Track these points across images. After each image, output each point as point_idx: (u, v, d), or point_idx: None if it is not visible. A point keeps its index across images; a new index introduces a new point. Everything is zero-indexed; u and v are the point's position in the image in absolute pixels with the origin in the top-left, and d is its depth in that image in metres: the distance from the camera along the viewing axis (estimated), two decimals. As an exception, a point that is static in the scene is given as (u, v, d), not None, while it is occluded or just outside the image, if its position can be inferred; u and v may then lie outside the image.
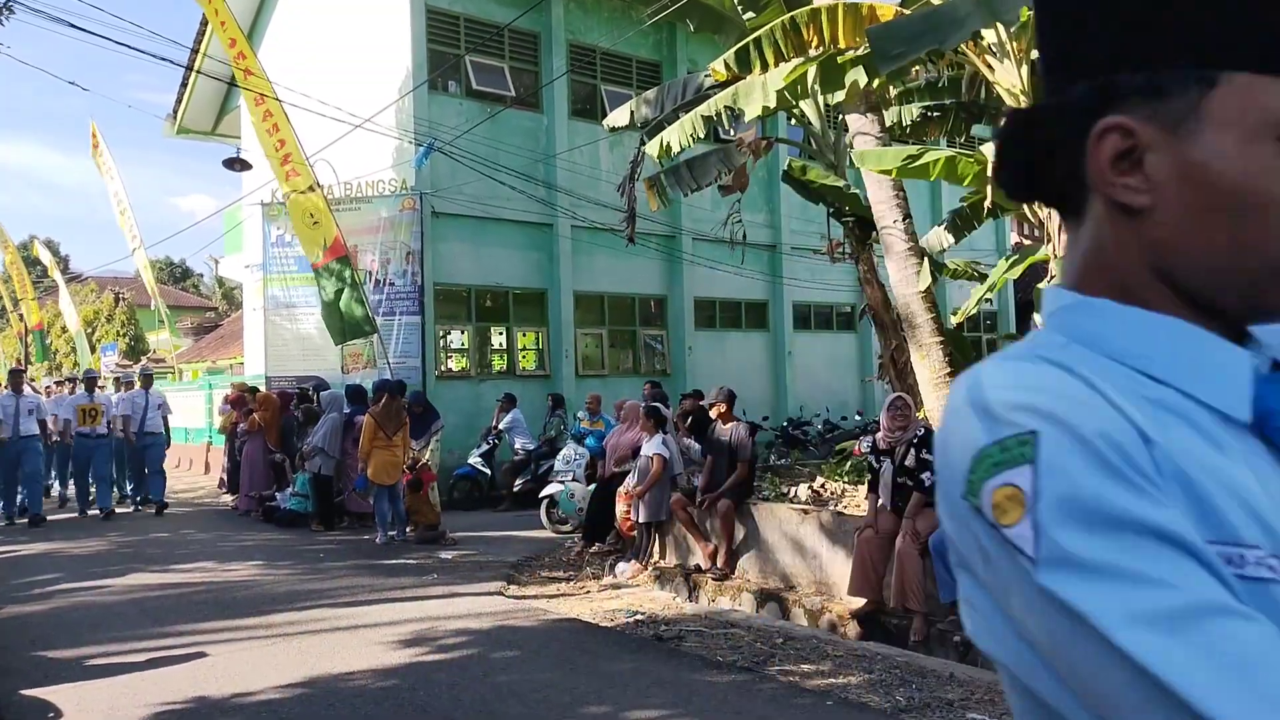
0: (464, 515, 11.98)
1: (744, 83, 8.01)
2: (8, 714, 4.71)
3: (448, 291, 14.54)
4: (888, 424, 6.65)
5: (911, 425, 6.67)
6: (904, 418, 6.65)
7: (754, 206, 17.51)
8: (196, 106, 19.78)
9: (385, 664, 5.46)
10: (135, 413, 13.09)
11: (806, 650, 5.80)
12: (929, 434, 6.66)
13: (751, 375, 17.78)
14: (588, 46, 16.05)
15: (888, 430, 6.66)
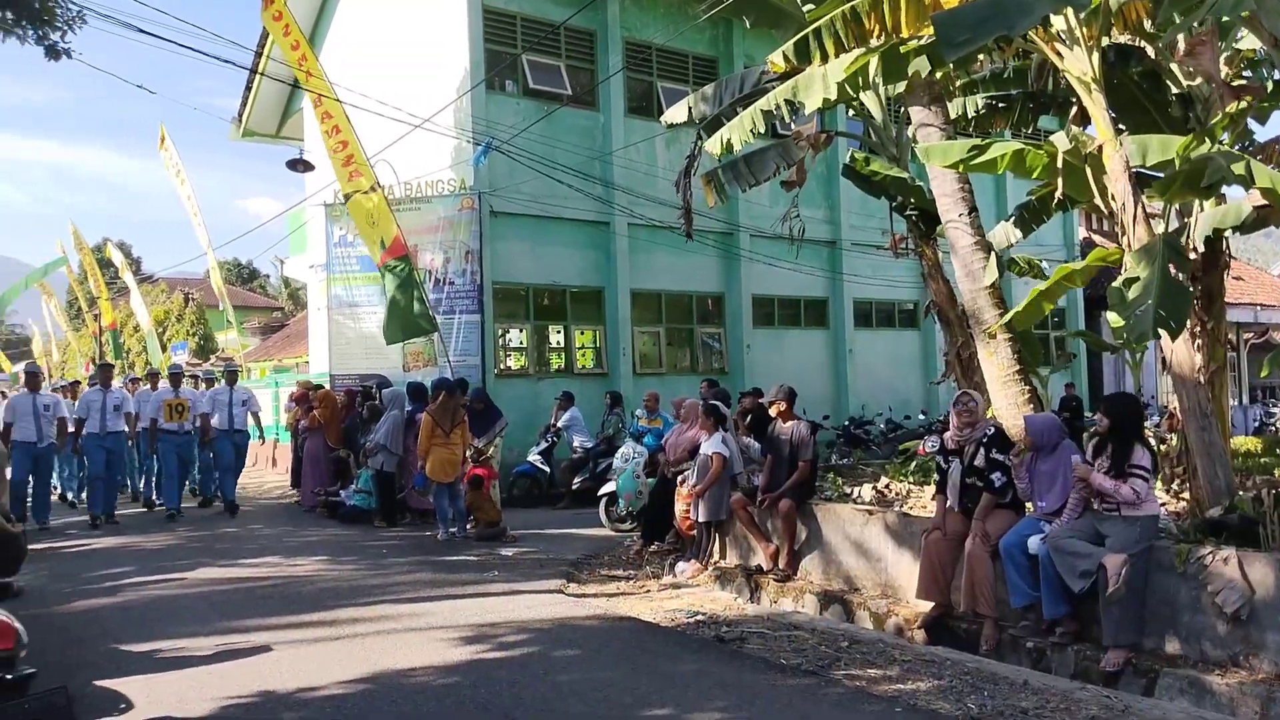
0: (523, 513, 12.03)
1: (803, 75, 7.88)
2: (82, 704, 4.80)
3: (506, 290, 14.61)
4: (955, 421, 6.48)
5: (980, 424, 6.49)
6: (970, 413, 6.48)
7: (813, 202, 17.32)
8: (261, 109, 20.15)
9: (447, 661, 5.47)
10: (220, 409, 12.82)
11: (873, 654, 5.67)
12: (1000, 433, 6.48)
13: (811, 374, 17.58)
14: (643, 43, 16.01)
15: (956, 429, 6.49)
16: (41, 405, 11.33)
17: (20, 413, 11.19)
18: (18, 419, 11.16)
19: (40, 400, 11.41)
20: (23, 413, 11.21)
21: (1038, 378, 8.75)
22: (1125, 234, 6.36)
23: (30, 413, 11.21)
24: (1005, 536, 5.90)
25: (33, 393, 11.49)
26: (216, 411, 12.76)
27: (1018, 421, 7.59)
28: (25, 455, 11.09)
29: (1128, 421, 5.61)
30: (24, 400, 11.39)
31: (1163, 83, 7.54)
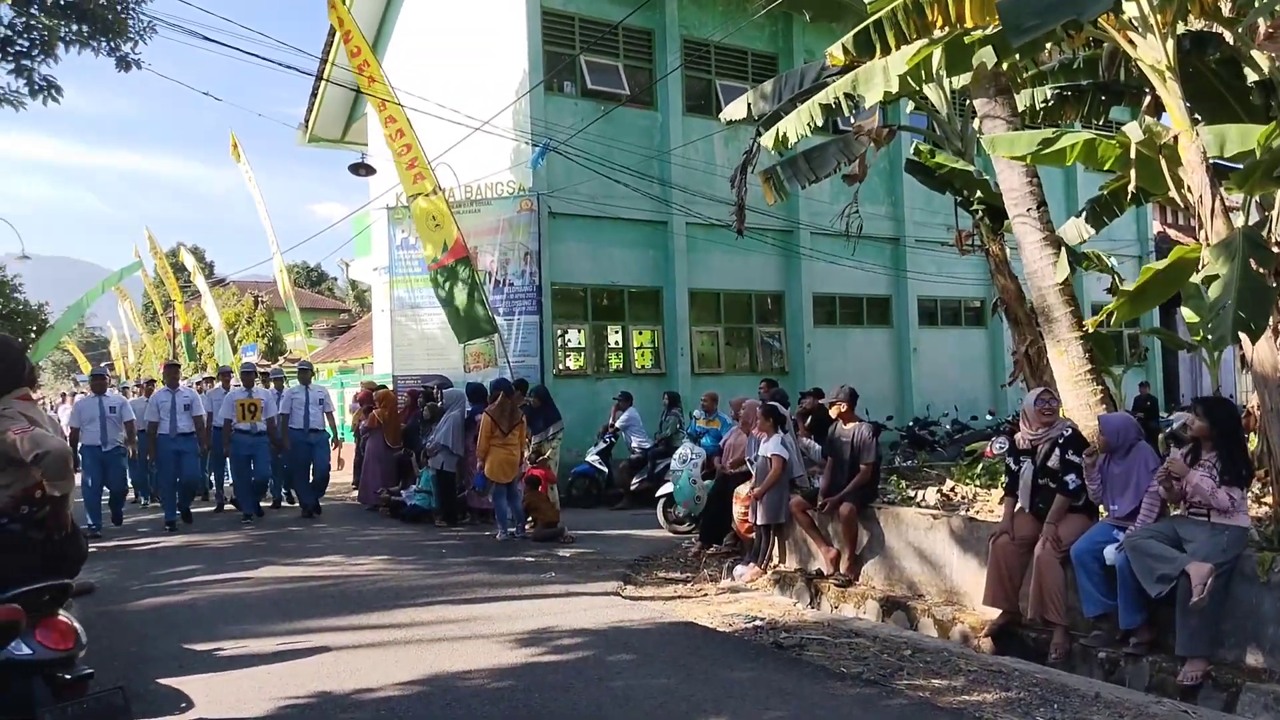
0: (582, 513, 12.02)
1: (864, 68, 7.70)
2: (145, 702, 4.88)
3: (565, 291, 14.62)
4: (1034, 419, 6.24)
5: (1056, 423, 6.25)
6: (1052, 413, 6.26)
7: (875, 198, 17.03)
8: (326, 115, 20.49)
9: (501, 664, 5.44)
10: (296, 410, 12.32)
11: (937, 664, 5.50)
12: (1076, 434, 6.24)
13: (874, 373, 17.29)
14: (702, 41, 15.89)
15: (1030, 427, 6.26)
16: (108, 407, 11.11)
17: (86, 416, 11.00)
18: (84, 423, 10.96)
19: (106, 402, 11.19)
20: (89, 416, 11.00)
21: (1110, 377, 8.44)
22: (1203, 228, 6.08)
23: (97, 416, 10.98)
24: (1078, 542, 5.68)
25: (99, 395, 11.26)
26: (293, 411, 12.32)
27: (1089, 423, 7.32)
28: (93, 460, 10.94)
29: (1229, 426, 5.37)
30: (90, 404, 11.16)
31: (1241, 69, 7.21)
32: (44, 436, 3.36)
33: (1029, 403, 6.35)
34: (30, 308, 38.40)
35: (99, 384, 11.66)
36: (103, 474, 11.13)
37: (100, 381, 11.78)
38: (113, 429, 11.09)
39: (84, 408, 11.24)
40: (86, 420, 11.00)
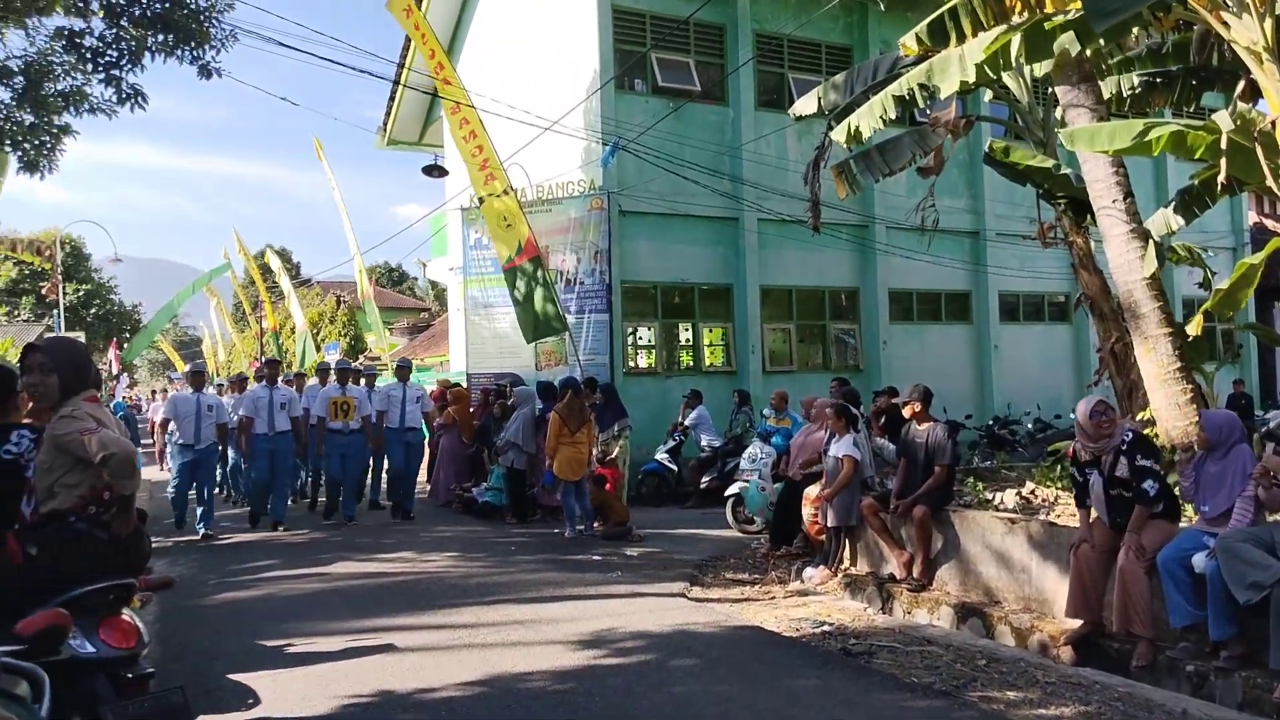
0: (651, 511, 11.96)
1: (939, 58, 7.47)
2: (214, 698, 4.97)
3: (635, 288, 14.59)
4: (1092, 432, 5.90)
5: (1117, 431, 5.91)
6: (1111, 423, 5.91)
7: (954, 191, 16.60)
8: (404, 118, 20.84)
9: (563, 665, 5.41)
10: (392, 407, 11.89)
11: (1013, 674, 5.28)
12: (1139, 438, 5.88)
13: (953, 371, 16.87)
14: (774, 35, 15.67)
15: (1088, 440, 5.93)
16: (205, 405, 10.79)
17: (182, 413, 10.78)
18: (179, 419, 10.81)
19: (204, 400, 10.87)
20: (184, 413, 10.75)
21: (1202, 374, 8.05)
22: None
23: (192, 414, 10.70)
24: (1164, 550, 5.38)
25: (197, 392, 10.92)
26: (390, 409, 11.86)
27: (1179, 422, 6.99)
28: (184, 457, 10.80)
29: None
30: (187, 400, 10.85)
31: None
32: (111, 438, 3.42)
33: (1084, 415, 5.93)
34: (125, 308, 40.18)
35: (198, 381, 11.25)
36: (193, 472, 10.85)
37: (199, 378, 11.38)
38: (207, 428, 10.81)
39: (180, 403, 10.95)
40: (182, 416, 10.78)
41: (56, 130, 11.58)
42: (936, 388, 15.17)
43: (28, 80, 11.25)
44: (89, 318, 33.47)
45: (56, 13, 10.78)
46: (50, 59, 11.39)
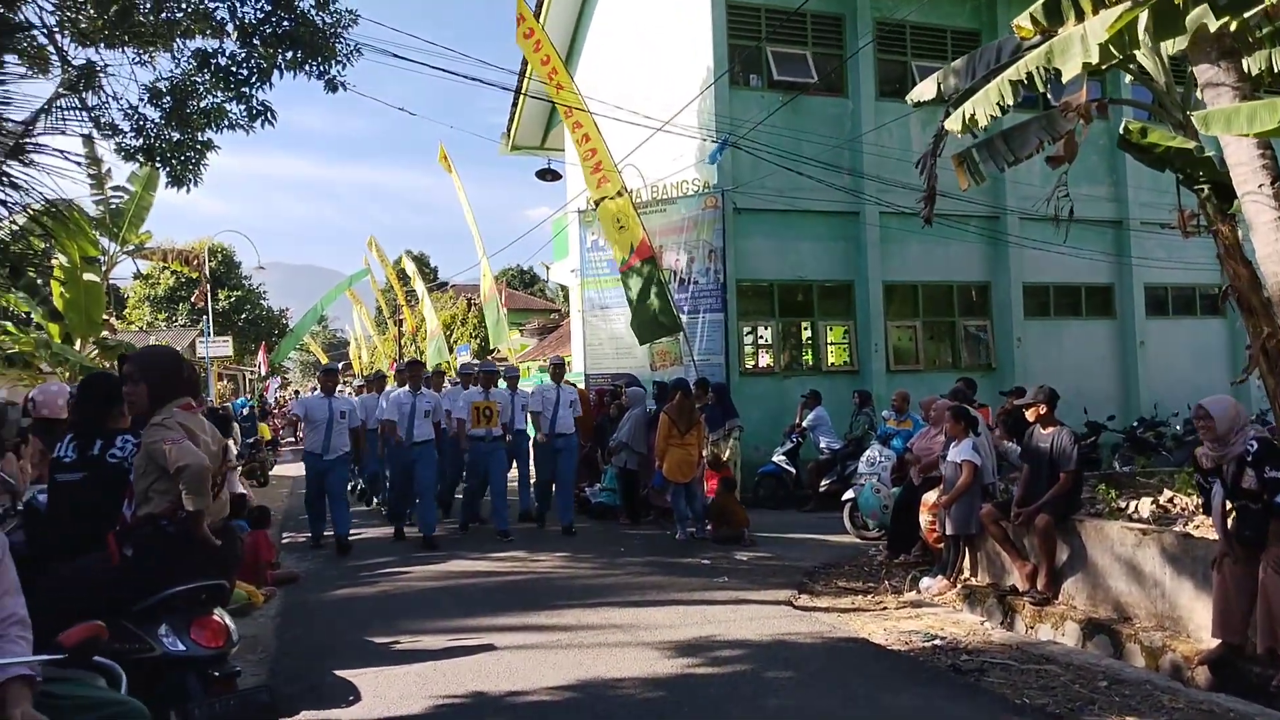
0: (768, 514, 11.76)
1: (1059, 38, 7.03)
2: (319, 693, 5.13)
3: (751, 287, 14.38)
4: (1205, 439, 5.41)
5: (1238, 438, 5.36)
6: (1208, 430, 5.39)
7: (1094, 178, 15.70)
8: (526, 124, 21.24)
9: (656, 673, 5.34)
10: (546, 410, 11.03)
11: (1136, 698, 4.90)
12: (1267, 446, 5.31)
13: (1095, 369, 15.96)
14: (896, 23, 15.16)
15: (1210, 446, 5.43)
16: (337, 411, 9.92)
17: (314, 418, 9.91)
18: (310, 424, 10.01)
19: (336, 405, 9.99)
20: (316, 418, 9.90)
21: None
22: None
23: (323, 420, 9.85)
24: (1314, 569, 4.88)
25: (328, 396, 10.05)
26: (544, 410, 11.04)
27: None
28: (312, 468, 10.01)
29: None
30: (319, 404, 9.99)
31: None
32: (189, 450, 3.53)
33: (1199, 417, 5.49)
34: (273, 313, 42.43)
35: (329, 382, 10.37)
36: (321, 482, 10.00)
37: (331, 379, 10.50)
38: (338, 435, 9.91)
39: (312, 407, 10.11)
40: (313, 422, 9.94)
41: (200, 146, 12.29)
42: (1077, 387, 14.41)
43: (174, 100, 11.99)
44: (239, 322, 35.55)
45: (197, 34, 11.44)
46: (194, 78, 12.10)
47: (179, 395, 3.80)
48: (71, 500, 3.95)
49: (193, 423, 3.77)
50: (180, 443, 3.53)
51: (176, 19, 11.05)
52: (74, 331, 13.74)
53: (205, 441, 3.75)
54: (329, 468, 9.95)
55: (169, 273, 31.16)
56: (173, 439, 3.54)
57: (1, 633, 2.37)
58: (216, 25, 11.33)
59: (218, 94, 12.00)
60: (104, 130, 11.81)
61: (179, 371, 3.88)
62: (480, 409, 10.58)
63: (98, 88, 11.43)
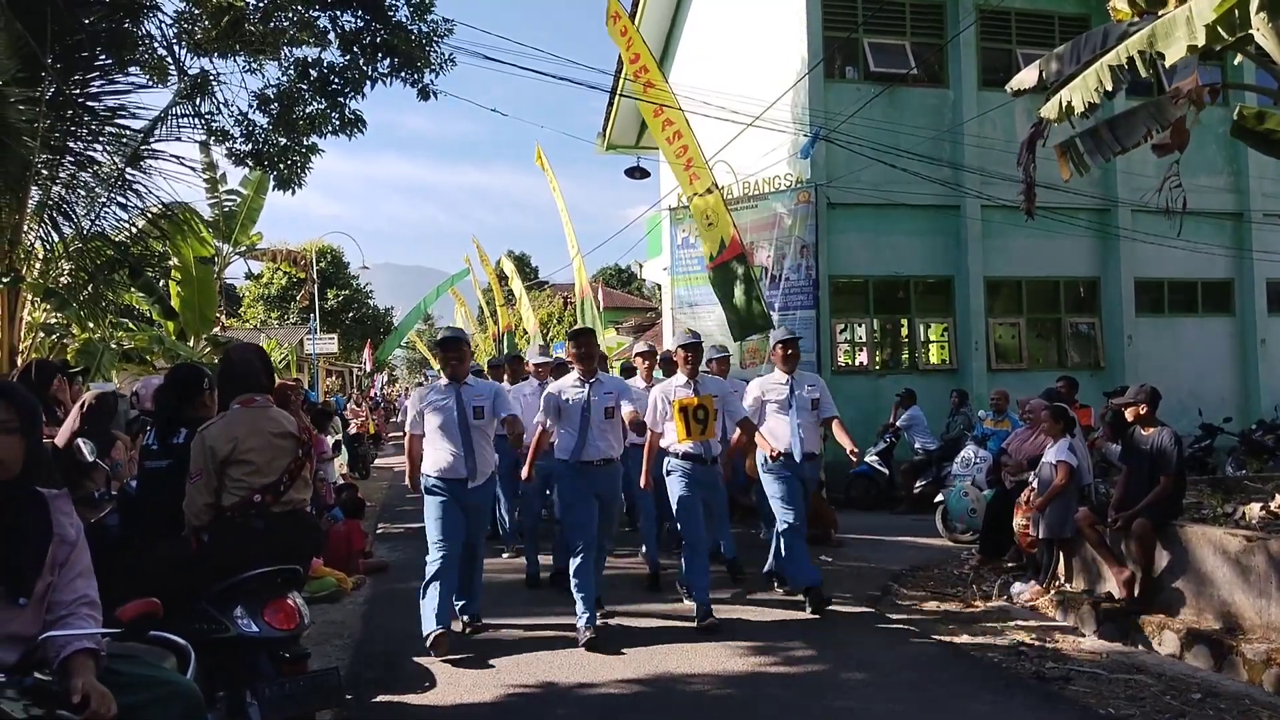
0: (860, 516, 11.54)
1: (1163, 20, 6.70)
2: (395, 678, 5.28)
3: (845, 283, 14.15)
4: None
5: None
6: None
7: (1212, 168, 14.92)
8: (622, 123, 21.35)
9: (727, 671, 5.30)
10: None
11: (1231, 712, 4.64)
12: None
13: (1210, 368, 15.16)
14: (1000, 10, 14.67)
15: None
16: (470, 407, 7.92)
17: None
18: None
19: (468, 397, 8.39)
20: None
21: None
22: None
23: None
24: None
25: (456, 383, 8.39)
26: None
27: None
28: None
29: None
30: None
31: None
32: (195, 456, 3.85)
33: None
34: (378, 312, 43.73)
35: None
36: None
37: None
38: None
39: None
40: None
41: (304, 150, 12.79)
42: (1191, 388, 13.75)
43: (281, 106, 12.49)
44: (347, 321, 36.80)
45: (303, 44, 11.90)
46: (299, 85, 12.60)
47: (239, 392, 3.97)
48: (157, 487, 4.16)
49: (242, 416, 3.92)
50: (203, 443, 3.77)
51: (283, 27, 11.52)
52: (188, 328, 14.44)
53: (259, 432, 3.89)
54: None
55: (280, 273, 32.48)
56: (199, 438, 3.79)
57: (72, 611, 2.51)
58: (319, 33, 11.77)
59: (321, 101, 12.48)
60: (216, 136, 12.42)
61: (235, 369, 4.05)
62: (690, 410, 6.52)
63: (210, 95, 12.03)
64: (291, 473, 3.88)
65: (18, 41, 9.69)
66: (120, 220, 12.33)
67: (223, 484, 3.80)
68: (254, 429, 3.86)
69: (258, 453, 3.83)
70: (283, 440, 3.91)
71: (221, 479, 3.80)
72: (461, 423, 5.91)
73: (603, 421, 6.32)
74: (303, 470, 3.96)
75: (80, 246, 12.00)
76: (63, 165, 11.65)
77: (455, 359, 6.09)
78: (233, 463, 3.79)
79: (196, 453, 3.81)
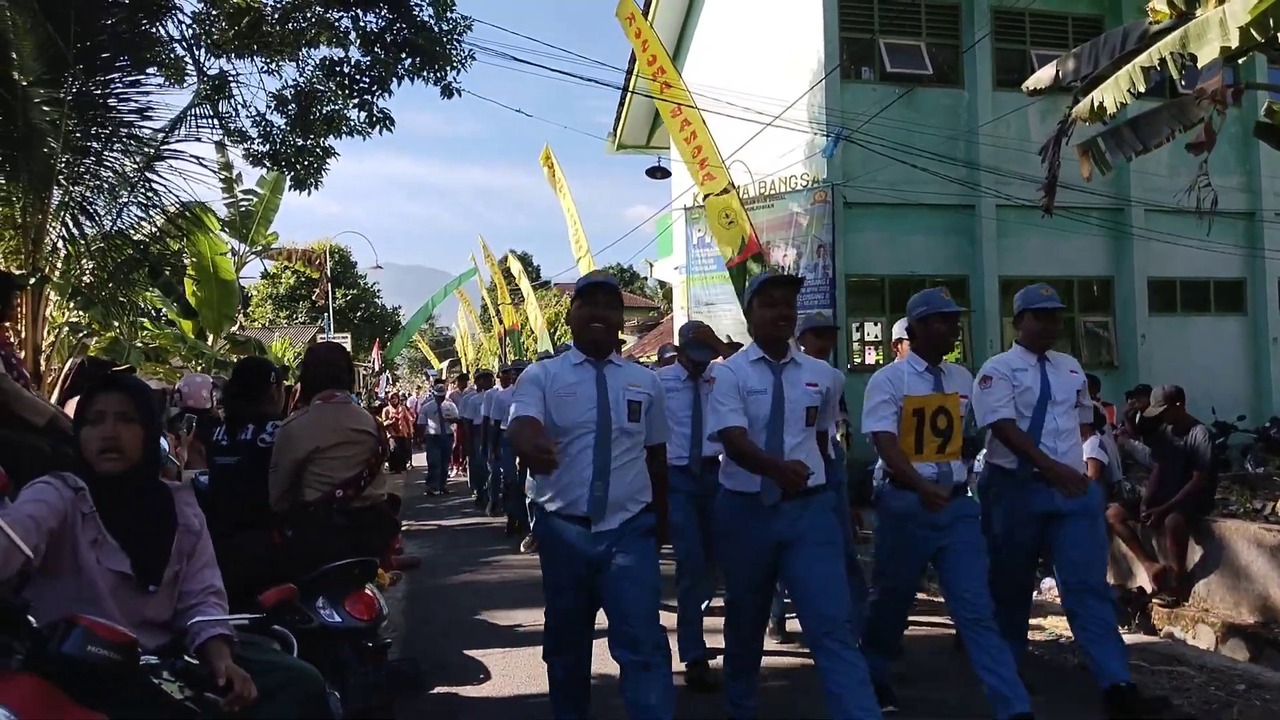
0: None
1: (1195, 22, 6.78)
2: (451, 669, 5.35)
3: (861, 282, 14.22)
4: None
5: None
6: None
7: (1224, 168, 14.98)
8: (633, 123, 21.38)
9: (779, 663, 5.38)
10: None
11: (1278, 702, 4.71)
12: None
13: (1224, 367, 15.23)
14: (1015, 11, 14.75)
15: None
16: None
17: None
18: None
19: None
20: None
21: None
22: None
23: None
24: None
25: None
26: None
27: None
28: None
29: None
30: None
31: None
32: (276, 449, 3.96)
33: None
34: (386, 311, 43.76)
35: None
36: None
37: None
38: None
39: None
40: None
41: (321, 151, 12.84)
42: (1204, 385, 13.81)
43: (298, 107, 12.55)
44: (355, 320, 36.88)
45: (321, 44, 11.96)
46: (317, 86, 12.65)
47: (322, 388, 4.05)
48: (229, 482, 4.24)
49: (325, 412, 3.99)
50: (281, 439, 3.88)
51: (302, 28, 11.57)
52: (207, 327, 14.50)
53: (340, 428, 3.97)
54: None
55: (290, 272, 32.52)
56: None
57: (201, 600, 2.59)
58: (340, 34, 11.83)
59: (339, 101, 12.53)
60: (233, 137, 12.46)
61: (317, 366, 4.13)
62: (927, 415, 4.40)
63: (228, 96, 12.08)
64: (371, 468, 3.96)
65: (45, 44, 9.76)
66: (139, 219, 12.41)
67: (305, 479, 3.88)
68: (336, 425, 3.94)
69: (340, 448, 3.91)
70: (363, 436, 3.99)
71: (304, 473, 3.88)
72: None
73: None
74: (381, 465, 4.04)
75: (101, 246, 12.06)
76: (84, 165, 11.72)
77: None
78: (315, 458, 3.87)
79: (279, 445, 3.88)
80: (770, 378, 3.90)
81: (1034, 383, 4.75)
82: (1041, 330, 4.85)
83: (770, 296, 3.93)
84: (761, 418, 3.86)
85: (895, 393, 4.34)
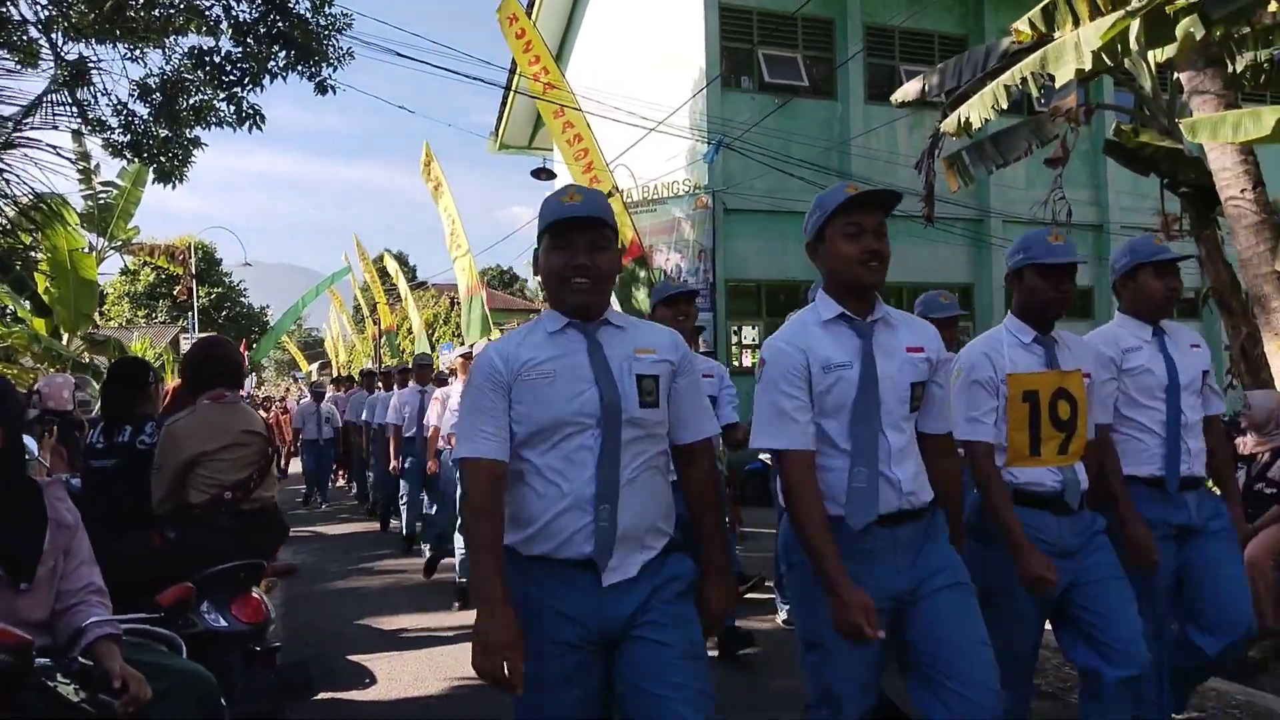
0: (755, 511, 11.90)
1: (1054, 44, 7.25)
2: (334, 676, 5.22)
3: (739, 287, 14.56)
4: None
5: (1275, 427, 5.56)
6: (1247, 419, 5.63)
7: (1076, 181, 15.98)
8: (515, 123, 21.26)
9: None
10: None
11: None
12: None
13: (1075, 369, 16.25)
14: (886, 27, 15.40)
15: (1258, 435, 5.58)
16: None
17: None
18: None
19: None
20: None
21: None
22: None
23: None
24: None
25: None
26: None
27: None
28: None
29: None
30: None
31: None
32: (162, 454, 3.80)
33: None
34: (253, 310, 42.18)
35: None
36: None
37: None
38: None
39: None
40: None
41: (187, 143, 12.28)
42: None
43: (164, 96, 11.97)
44: (220, 320, 35.39)
45: (191, 32, 11.45)
46: (184, 75, 12.10)
47: (209, 387, 3.90)
48: (105, 485, 4.04)
49: (213, 412, 3.85)
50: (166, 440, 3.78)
51: (169, 15, 11.05)
52: (63, 326, 13.68)
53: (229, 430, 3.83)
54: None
55: (149, 269, 30.94)
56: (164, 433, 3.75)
57: (82, 599, 2.48)
58: (210, 23, 11.35)
59: (208, 92, 12.01)
60: (91, 126, 11.80)
61: (205, 363, 3.98)
62: (1047, 399, 3.15)
63: (88, 83, 11.42)
64: (261, 470, 3.84)
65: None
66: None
67: (191, 480, 3.73)
68: (225, 427, 3.80)
69: (229, 450, 3.77)
70: (252, 438, 3.86)
71: (190, 475, 3.73)
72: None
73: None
74: (270, 467, 3.93)
75: (-56, 240, 11.24)
76: (-76, 151, 10.90)
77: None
78: (202, 461, 3.73)
79: (163, 447, 3.72)
80: (855, 342, 2.65)
81: (1153, 363, 3.49)
82: (1166, 291, 3.53)
83: (855, 224, 2.70)
84: (845, 407, 2.60)
85: (995, 374, 3.10)
